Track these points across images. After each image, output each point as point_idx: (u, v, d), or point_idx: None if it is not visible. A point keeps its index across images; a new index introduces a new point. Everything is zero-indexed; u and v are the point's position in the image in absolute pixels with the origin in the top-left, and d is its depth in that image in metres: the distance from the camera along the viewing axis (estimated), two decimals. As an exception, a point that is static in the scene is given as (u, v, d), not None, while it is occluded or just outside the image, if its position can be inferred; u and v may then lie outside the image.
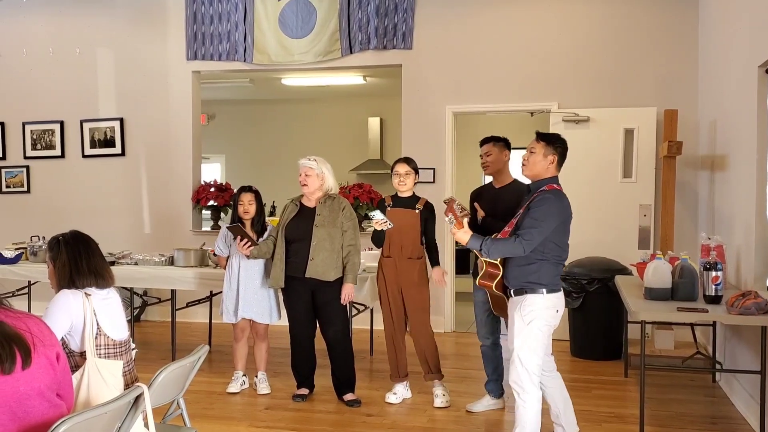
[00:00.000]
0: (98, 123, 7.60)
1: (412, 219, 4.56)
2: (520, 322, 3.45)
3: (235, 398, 4.82)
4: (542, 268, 3.45)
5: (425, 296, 4.61)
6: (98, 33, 7.57)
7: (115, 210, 7.56)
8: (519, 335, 3.45)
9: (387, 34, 6.95)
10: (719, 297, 4.03)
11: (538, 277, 3.45)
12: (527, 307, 3.44)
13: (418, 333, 4.60)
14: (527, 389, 3.44)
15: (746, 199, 4.53)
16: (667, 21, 6.45)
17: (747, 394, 4.37)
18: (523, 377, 3.44)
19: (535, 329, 3.44)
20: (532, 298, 3.44)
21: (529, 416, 3.44)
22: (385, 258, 4.64)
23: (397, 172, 4.59)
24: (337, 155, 10.51)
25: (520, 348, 3.44)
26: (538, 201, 3.44)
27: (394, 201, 4.65)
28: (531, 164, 3.56)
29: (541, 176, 3.54)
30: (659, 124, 6.22)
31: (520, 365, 3.44)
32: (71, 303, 2.76)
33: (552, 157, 3.54)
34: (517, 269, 3.47)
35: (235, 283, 4.83)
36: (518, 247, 3.38)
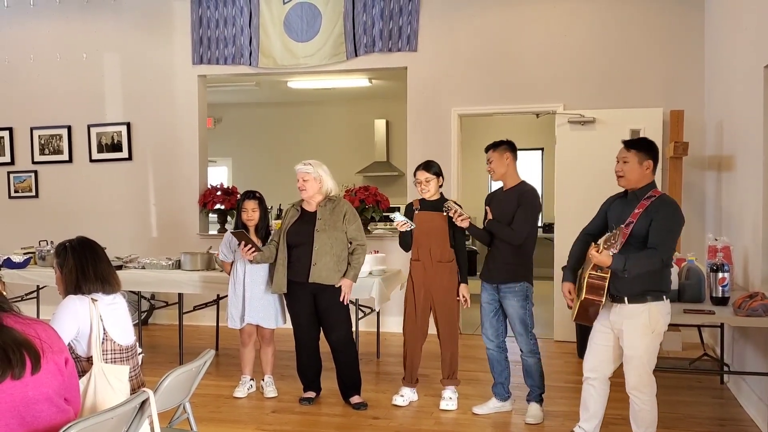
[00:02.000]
0: (105, 127, 7.64)
1: (440, 221, 4.53)
2: (646, 329, 3.41)
3: (242, 402, 4.83)
4: (665, 274, 3.48)
5: (454, 300, 4.56)
6: (105, 38, 7.61)
7: (122, 214, 7.60)
8: (643, 342, 3.42)
9: (392, 36, 6.96)
10: (726, 298, 4.02)
11: (661, 284, 3.45)
12: (656, 315, 3.41)
13: (447, 337, 4.56)
14: (650, 392, 3.48)
15: (753, 199, 4.52)
16: (673, 21, 6.43)
17: (755, 396, 4.34)
18: (647, 382, 3.47)
19: (659, 336, 3.46)
20: (659, 306, 3.42)
21: (652, 415, 3.50)
22: (414, 261, 4.61)
23: (418, 180, 4.57)
24: (343, 157, 10.59)
25: (644, 355, 3.43)
26: (663, 209, 3.37)
27: (421, 204, 4.63)
28: (628, 174, 3.49)
29: (641, 184, 3.49)
30: (665, 125, 6.20)
31: (644, 371, 3.45)
32: (78, 308, 2.78)
33: (648, 163, 3.48)
34: (636, 279, 3.38)
35: (241, 289, 4.84)
36: (657, 260, 3.33)
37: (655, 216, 3.35)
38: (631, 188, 3.53)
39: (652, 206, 3.39)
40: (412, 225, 4.46)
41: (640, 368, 3.44)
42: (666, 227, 3.34)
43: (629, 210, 3.47)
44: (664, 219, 3.34)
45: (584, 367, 3.70)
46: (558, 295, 6.37)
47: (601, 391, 3.68)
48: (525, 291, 4.30)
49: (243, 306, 4.83)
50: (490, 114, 7.25)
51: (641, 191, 3.49)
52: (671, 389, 4.94)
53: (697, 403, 4.70)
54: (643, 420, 3.52)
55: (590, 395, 3.69)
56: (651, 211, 3.37)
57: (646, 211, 3.39)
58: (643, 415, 3.51)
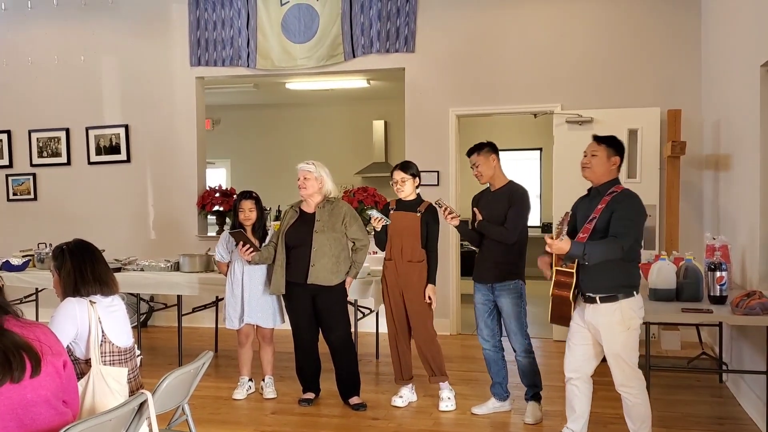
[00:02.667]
0: (103, 130, 7.64)
1: (412, 221, 4.58)
2: (620, 327, 3.44)
3: (241, 403, 4.83)
4: (631, 269, 3.50)
5: (426, 299, 4.61)
6: (102, 40, 7.62)
7: (120, 216, 7.60)
8: (619, 339, 3.45)
9: (389, 37, 6.96)
10: (724, 297, 4.03)
11: (630, 280, 3.48)
12: (627, 311, 3.44)
13: (419, 336, 4.60)
14: (638, 386, 3.51)
15: (751, 198, 4.52)
16: (670, 21, 6.44)
17: (754, 394, 4.35)
18: (634, 376, 3.50)
19: (635, 330, 3.49)
20: (630, 302, 3.46)
21: (645, 410, 3.53)
22: (387, 261, 4.67)
23: (394, 180, 4.63)
24: (341, 158, 10.59)
25: (624, 351, 3.46)
26: (623, 201, 3.44)
27: (398, 204, 4.69)
28: (594, 167, 3.56)
29: (605, 179, 3.56)
30: (663, 125, 6.21)
31: (627, 367, 3.48)
32: (76, 311, 2.78)
33: (615, 159, 3.57)
34: (604, 275, 3.43)
35: (239, 289, 4.85)
36: (617, 248, 3.36)
37: (615, 207, 3.43)
38: (595, 183, 3.60)
39: (613, 200, 3.47)
40: (387, 221, 4.53)
41: (623, 365, 3.49)
42: (626, 216, 3.40)
43: (593, 206, 3.53)
44: (624, 209, 3.42)
45: (565, 368, 3.74)
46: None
47: (585, 390, 3.71)
48: (519, 289, 4.33)
49: (242, 306, 4.83)
50: (487, 114, 7.26)
51: (604, 187, 3.56)
52: (670, 388, 4.95)
53: (696, 402, 4.70)
54: (638, 415, 3.55)
55: (575, 395, 3.72)
56: (612, 205, 3.45)
57: (607, 205, 3.46)
58: (637, 409, 3.54)
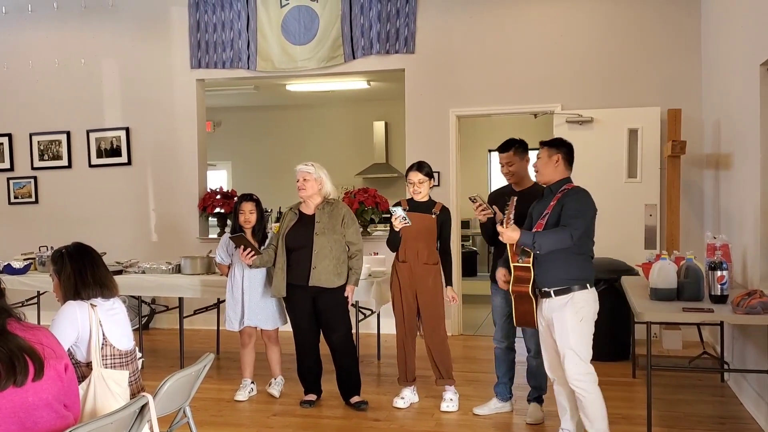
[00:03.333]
0: (104, 133, 7.65)
1: (428, 223, 4.54)
2: (573, 319, 3.50)
3: (243, 405, 4.83)
4: (584, 263, 3.57)
5: (440, 302, 4.58)
6: (103, 44, 7.63)
7: (121, 219, 7.61)
8: (572, 333, 3.50)
9: (389, 38, 6.97)
10: (725, 296, 4.02)
11: (582, 273, 3.55)
12: (579, 303, 3.51)
13: (431, 338, 4.58)
14: (591, 380, 3.53)
15: (751, 197, 4.52)
16: (670, 20, 6.44)
17: (755, 393, 4.35)
18: (585, 371, 3.52)
19: (587, 323, 3.54)
20: (582, 294, 3.53)
21: (599, 405, 3.54)
22: (401, 263, 4.61)
23: (411, 181, 4.56)
24: (342, 160, 10.59)
25: (577, 345, 3.50)
26: (572, 195, 3.57)
27: (410, 205, 4.61)
28: (541, 169, 3.70)
29: (555, 179, 3.67)
30: (663, 124, 6.21)
31: (579, 361, 3.52)
32: (77, 314, 2.79)
33: (556, 156, 3.66)
34: (557, 269, 3.51)
35: (239, 292, 4.85)
36: (567, 236, 3.44)
37: (565, 202, 3.54)
38: (548, 182, 3.70)
39: (563, 196, 3.58)
40: (408, 222, 4.44)
41: (575, 359, 3.51)
42: (575, 208, 3.51)
43: (546, 204, 3.64)
44: (573, 202, 3.53)
45: (547, 370, 3.80)
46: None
47: (569, 389, 3.71)
48: None
49: (242, 309, 4.83)
50: (488, 115, 7.26)
51: (555, 186, 3.67)
52: (672, 388, 4.94)
53: (698, 402, 4.70)
54: (591, 411, 3.54)
55: (560, 393, 3.77)
56: (562, 200, 3.56)
57: (558, 201, 3.57)
58: (589, 406, 3.53)
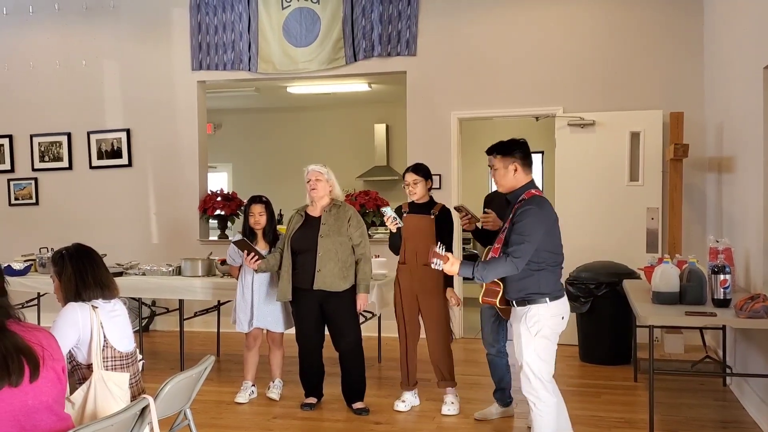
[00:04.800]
0: (105, 134, 7.64)
1: (427, 224, 4.54)
2: (527, 333, 3.41)
3: (244, 407, 4.82)
4: (541, 277, 3.39)
5: (441, 304, 4.56)
6: (104, 45, 7.62)
7: (122, 220, 7.60)
8: (527, 346, 3.42)
9: (391, 41, 6.96)
10: (728, 300, 4.00)
11: (539, 287, 3.39)
12: (532, 318, 3.39)
13: (433, 341, 4.57)
14: (542, 398, 3.42)
15: (754, 201, 4.51)
16: (672, 23, 6.43)
17: (758, 398, 4.33)
18: (537, 386, 3.42)
19: (543, 338, 3.42)
20: (536, 308, 3.39)
21: (545, 423, 3.43)
22: (401, 265, 4.61)
23: (406, 182, 4.59)
24: (343, 162, 10.55)
25: (530, 359, 3.42)
26: (519, 215, 3.35)
27: (410, 207, 4.64)
28: (500, 181, 3.51)
29: (515, 187, 3.48)
30: (665, 127, 6.19)
31: (532, 375, 3.42)
32: (78, 316, 2.77)
33: (513, 166, 3.46)
34: (517, 282, 3.40)
35: (249, 293, 4.82)
36: (510, 265, 3.30)
37: (514, 220, 3.35)
38: (509, 191, 3.51)
39: (516, 212, 3.38)
40: (399, 223, 4.46)
41: (528, 374, 3.43)
42: (518, 232, 3.29)
43: (508, 215, 3.47)
44: (519, 224, 3.31)
45: None
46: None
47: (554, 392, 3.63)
48: None
49: (251, 310, 4.81)
50: (489, 118, 7.25)
51: (513, 195, 3.48)
52: (674, 392, 4.93)
53: (700, 406, 4.68)
54: (537, 428, 3.45)
55: None
56: (514, 218, 3.37)
57: (513, 215, 3.39)
58: (537, 421, 3.45)
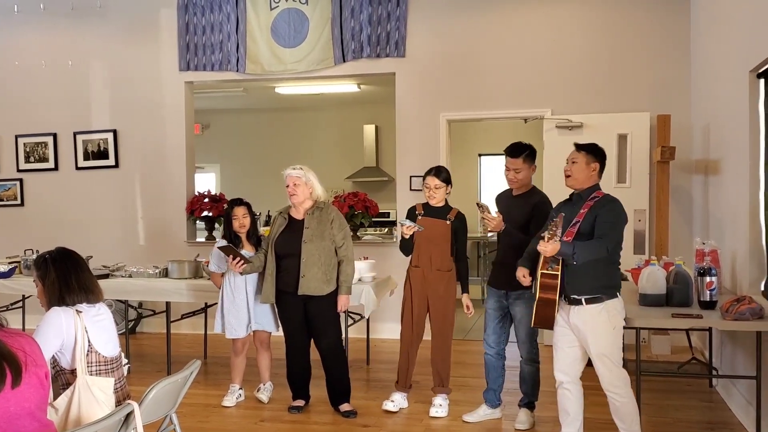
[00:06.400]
0: (91, 135, 7.58)
1: (443, 229, 4.50)
2: (606, 327, 3.53)
3: (231, 410, 4.79)
4: (614, 271, 3.60)
5: (451, 309, 4.54)
6: (91, 45, 7.57)
7: (109, 222, 7.54)
8: (605, 340, 3.53)
9: (380, 42, 6.95)
10: (714, 302, 4.02)
11: (612, 281, 3.58)
12: (612, 311, 3.54)
13: (438, 344, 4.55)
14: (625, 385, 3.56)
15: (740, 203, 4.53)
16: (659, 26, 6.46)
17: (744, 399, 4.35)
18: (621, 376, 3.56)
19: (619, 331, 3.58)
20: (614, 303, 3.56)
21: (632, 408, 3.59)
22: (414, 268, 4.58)
23: (428, 185, 4.53)
24: (332, 163, 10.56)
25: (611, 351, 3.53)
26: (606, 205, 3.54)
27: (425, 209, 4.58)
28: (575, 175, 3.66)
29: (586, 185, 3.66)
30: (653, 129, 6.22)
31: (614, 367, 3.55)
32: (62, 321, 2.74)
33: (594, 165, 3.66)
34: (589, 277, 3.51)
35: (243, 297, 4.78)
36: (603, 248, 3.46)
37: (599, 211, 3.54)
38: (577, 189, 3.69)
39: (596, 204, 3.57)
40: (418, 227, 4.40)
41: (610, 365, 3.55)
42: (610, 219, 3.52)
43: (576, 211, 3.61)
44: (608, 212, 3.52)
45: (555, 372, 3.78)
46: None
47: (577, 393, 3.75)
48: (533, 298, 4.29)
49: (248, 313, 4.78)
50: (478, 119, 7.25)
51: (586, 192, 3.66)
52: (660, 393, 4.95)
53: (687, 407, 4.71)
54: (626, 414, 3.60)
55: (567, 399, 3.76)
56: (595, 209, 3.55)
57: (590, 209, 3.56)
58: (624, 409, 3.59)
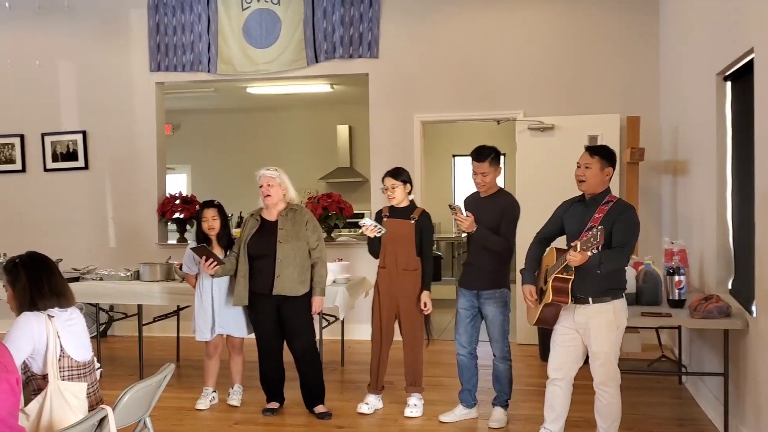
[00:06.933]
0: (60, 136, 7.47)
1: (407, 229, 4.53)
2: (610, 326, 3.58)
3: (205, 414, 4.76)
4: (621, 274, 3.67)
5: (420, 308, 4.56)
6: (59, 45, 7.45)
7: (79, 224, 7.43)
8: (608, 338, 3.59)
9: (353, 43, 6.95)
10: (682, 301, 4.11)
11: (620, 282, 3.66)
12: (618, 311, 3.60)
13: (409, 343, 4.58)
14: (616, 385, 3.63)
15: (707, 203, 4.62)
16: (629, 30, 6.56)
17: (712, 395, 4.44)
18: (615, 375, 3.62)
19: (622, 330, 3.64)
20: (621, 303, 3.63)
21: (618, 408, 3.66)
22: (381, 269, 4.61)
23: (384, 186, 4.58)
24: (305, 164, 10.53)
25: (611, 350, 3.60)
26: (625, 212, 3.58)
27: (390, 211, 4.62)
28: (589, 179, 3.66)
29: (599, 190, 3.67)
30: (623, 131, 6.31)
31: (612, 366, 3.61)
32: (33, 326, 2.70)
33: (609, 170, 3.67)
34: (597, 279, 3.54)
35: (209, 300, 4.75)
36: (626, 257, 3.58)
37: (618, 218, 3.55)
38: (590, 193, 3.68)
39: (613, 210, 3.58)
40: (382, 229, 4.43)
41: (608, 363, 3.61)
42: (630, 228, 3.58)
43: (589, 214, 3.61)
44: (628, 221, 3.59)
45: (549, 368, 3.80)
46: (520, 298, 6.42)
47: (566, 392, 3.78)
48: (505, 297, 4.35)
49: (212, 317, 4.75)
50: (452, 121, 7.29)
51: (600, 196, 3.67)
52: (631, 390, 5.01)
53: (657, 404, 4.78)
54: (609, 414, 3.66)
55: (556, 396, 3.78)
56: (613, 214, 3.57)
57: (607, 215, 3.57)
58: (610, 408, 3.65)
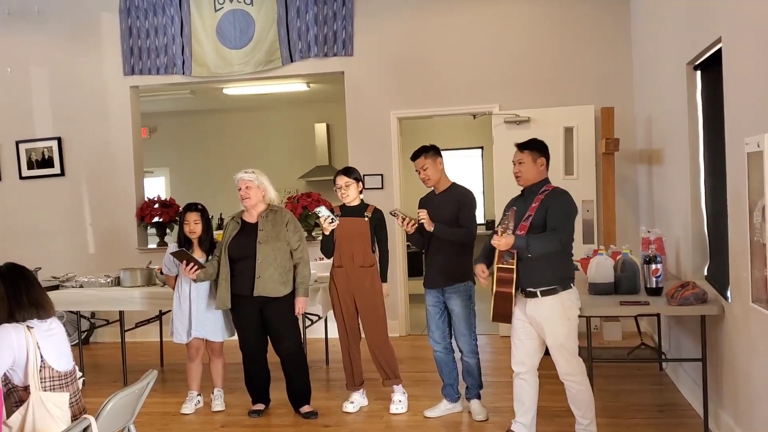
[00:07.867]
0: (35, 143, 7.39)
1: (361, 227, 4.58)
2: (562, 318, 3.62)
3: (190, 418, 4.75)
4: (567, 263, 3.69)
5: (378, 303, 4.62)
6: (30, 51, 7.37)
7: (57, 231, 7.36)
8: (561, 330, 3.63)
9: (327, 41, 6.95)
10: (660, 289, 4.17)
11: (566, 273, 3.67)
12: (567, 302, 3.64)
13: (373, 340, 4.62)
14: (580, 373, 3.69)
15: (682, 191, 4.69)
16: (602, 21, 6.62)
17: (691, 380, 4.52)
18: (577, 365, 3.68)
19: (575, 321, 3.68)
20: (568, 294, 3.66)
21: (587, 395, 3.70)
22: (337, 268, 4.64)
23: (337, 185, 4.62)
24: (284, 163, 10.50)
25: (568, 341, 3.64)
26: (557, 197, 3.65)
27: (342, 210, 4.65)
28: (524, 173, 3.75)
29: (536, 180, 3.75)
30: (597, 121, 6.37)
31: (570, 356, 3.66)
32: (12, 338, 2.68)
33: (541, 160, 3.76)
34: (543, 269, 3.58)
35: (186, 303, 4.74)
36: (556, 240, 3.56)
37: (550, 203, 3.64)
38: (528, 186, 3.78)
39: (548, 197, 3.68)
40: (335, 220, 4.45)
41: (566, 354, 3.67)
42: (561, 211, 3.63)
43: (528, 205, 3.71)
44: (559, 205, 3.64)
45: (513, 363, 3.87)
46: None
47: (533, 383, 3.84)
48: (468, 290, 4.38)
49: (189, 320, 4.74)
50: (428, 116, 7.31)
51: (536, 186, 3.76)
52: (612, 378, 5.09)
53: (638, 391, 4.85)
54: (581, 401, 3.72)
55: (523, 389, 3.85)
56: (546, 202, 3.65)
57: (542, 202, 3.66)
58: (581, 396, 3.71)
